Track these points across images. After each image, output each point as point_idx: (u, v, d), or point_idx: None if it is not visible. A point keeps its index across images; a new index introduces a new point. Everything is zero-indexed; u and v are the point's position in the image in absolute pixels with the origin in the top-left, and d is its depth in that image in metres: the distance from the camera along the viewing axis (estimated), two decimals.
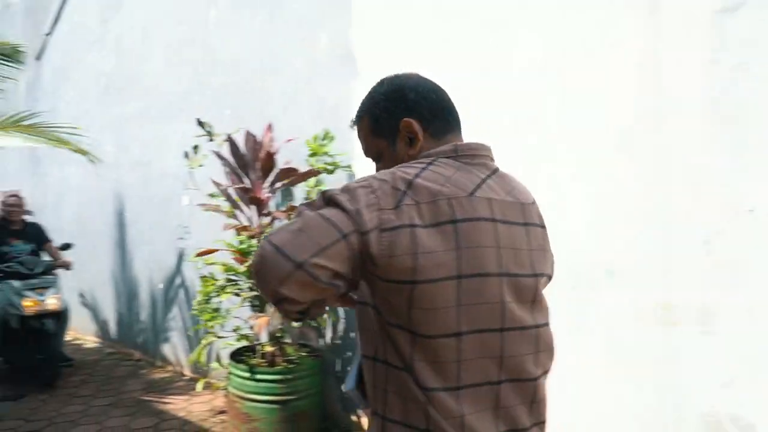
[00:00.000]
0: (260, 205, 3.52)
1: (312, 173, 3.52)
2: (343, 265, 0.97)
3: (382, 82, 1.26)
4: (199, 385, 4.25)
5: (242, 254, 3.63)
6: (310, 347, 3.43)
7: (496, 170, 1.16)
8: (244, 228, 3.54)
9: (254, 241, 3.51)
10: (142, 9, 5.86)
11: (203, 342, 3.77)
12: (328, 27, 3.90)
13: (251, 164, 3.66)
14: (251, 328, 3.79)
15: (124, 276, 6.38)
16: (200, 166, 4.18)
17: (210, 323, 3.51)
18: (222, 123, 4.42)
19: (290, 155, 3.85)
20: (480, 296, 1.03)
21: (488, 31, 3.05)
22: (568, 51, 2.72)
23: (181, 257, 5.38)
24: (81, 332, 7.44)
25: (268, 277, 0.96)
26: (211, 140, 4.09)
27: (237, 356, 3.80)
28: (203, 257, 3.60)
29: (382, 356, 1.07)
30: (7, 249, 5.40)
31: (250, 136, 3.74)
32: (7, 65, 5.13)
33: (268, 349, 3.43)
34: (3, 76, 5.20)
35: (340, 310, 3.77)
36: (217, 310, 3.59)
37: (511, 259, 1.08)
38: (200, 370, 4.87)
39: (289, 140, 3.86)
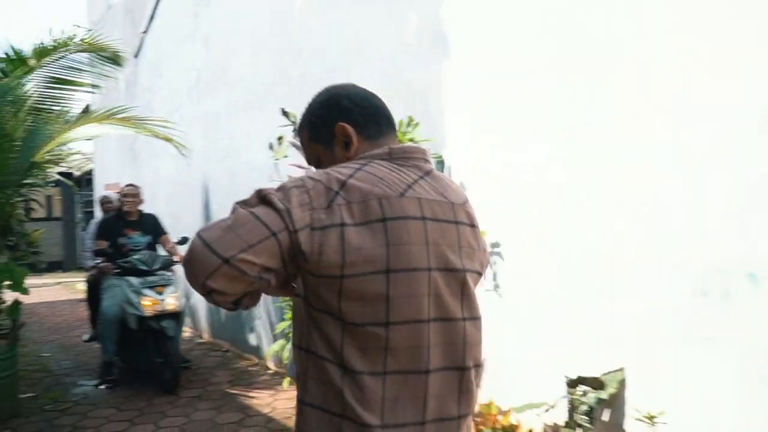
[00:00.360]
0: None
1: None
2: (271, 260, 1.02)
3: (318, 93, 1.34)
4: (285, 383, 4.15)
5: None
6: None
7: (429, 171, 1.22)
8: None
9: None
10: (231, 1, 5.86)
11: (287, 338, 3.64)
12: (418, 6, 3.66)
13: None
14: None
15: None
16: (285, 157, 4.06)
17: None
18: None
19: None
20: (409, 289, 1.08)
21: (604, 7, 2.70)
22: (701, 30, 2.34)
23: None
24: None
25: (197, 270, 1.02)
26: (295, 130, 3.96)
27: None
28: None
29: (305, 345, 1.14)
30: (124, 241, 5.11)
31: None
32: (109, 67, 5.27)
33: None
34: (104, 75, 5.35)
35: None
36: None
37: (440, 255, 1.13)
38: (285, 365, 4.80)
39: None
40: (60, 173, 17.43)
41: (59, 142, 4.63)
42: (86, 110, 5.52)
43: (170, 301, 4.79)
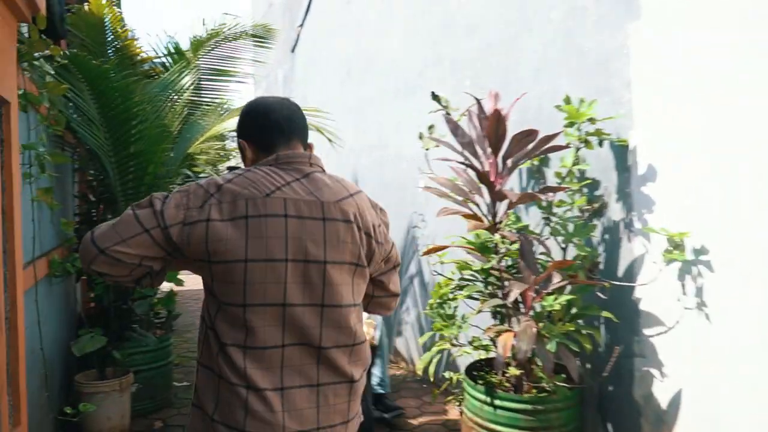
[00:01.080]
0: (491, 186, 2.78)
1: (554, 148, 2.67)
2: (147, 250, 1.31)
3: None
4: (433, 396, 3.74)
5: (479, 250, 2.99)
6: (568, 373, 2.65)
7: (308, 174, 1.44)
8: (473, 217, 2.85)
9: (496, 236, 2.81)
10: None
11: (435, 348, 3.21)
12: None
13: (479, 139, 2.96)
14: (491, 339, 3.13)
15: None
16: (435, 146, 3.63)
17: (444, 332, 2.93)
18: (462, 96, 3.82)
19: (539, 125, 3.06)
20: (265, 277, 1.31)
21: None
22: None
23: (416, 247, 4.96)
24: None
25: (83, 257, 1.34)
26: (447, 115, 3.51)
27: (474, 370, 3.18)
28: (436, 253, 3.02)
29: (203, 314, 1.41)
30: None
31: (472, 112, 3.05)
32: (262, 46, 5.20)
33: (514, 372, 2.73)
34: (256, 60, 5.31)
35: (615, 336, 2.91)
36: (451, 317, 3.00)
37: (300, 248, 1.34)
38: (435, 376, 4.38)
39: (518, 98, 3.06)
40: (229, 167, 18.75)
41: (213, 133, 4.62)
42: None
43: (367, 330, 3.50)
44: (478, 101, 2.91)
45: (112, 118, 3.85)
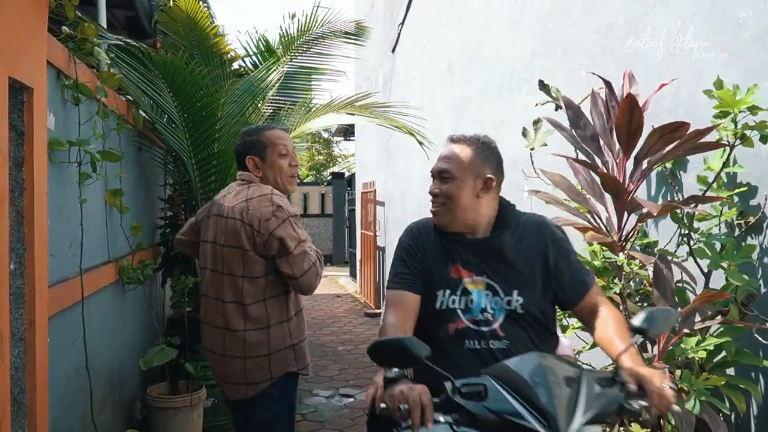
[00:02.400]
0: (619, 193, 2.18)
1: (707, 145, 2.04)
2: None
3: None
4: None
5: (596, 272, 2.40)
6: None
7: (243, 187, 2.25)
8: (594, 230, 2.26)
9: (621, 256, 2.20)
10: None
11: None
12: None
13: (604, 132, 2.37)
14: None
15: None
16: (543, 145, 3.07)
17: None
18: (575, 87, 3.24)
19: (675, 119, 2.41)
20: (204, 252, 2.30)
21: None
22: None
23: None
24: None
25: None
26: (558, 109, 2.95)
27: None
28: None
29: None
30: None
31: (597, 96, 2.47)
32: (356, 43, 4.87)
33: (638, 431, 2.13)
34: (348, 57, 4.99)
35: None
36: None
37: (215, 235, 2.23)
38: None
39: (665, 84, 2.44)
40: (332, 173, 18.82)
41: (298, 133, 4.33)
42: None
43: None
44: (608, 84, 2.34)
45: (192, 115, 3.65)
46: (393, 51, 8.24)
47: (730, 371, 2.19)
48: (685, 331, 2.01)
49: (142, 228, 3.35)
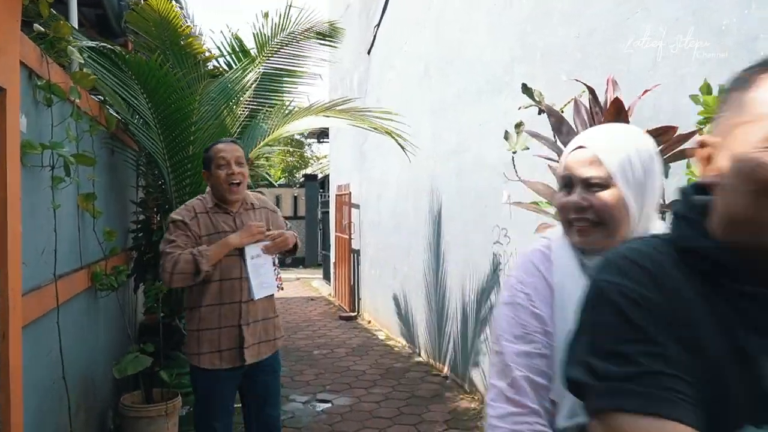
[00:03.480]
0: None
1: (690, 151, 2.04)
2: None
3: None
4: None
5: None
6: None
7: None
8: None
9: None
10: None
11: None
12: None
13: None
14: None
15: (435, 280, 5.71)
16: (525, 149, 3.07)
17: None
18: (556, 91, 3.25)
19: (663, 123, 2.44)
20: None
21: None
22: None
23: (497, 265, 4.39)
24: (393, 334, 7.12)
25: None
26: (541, 112, 2.95)
27: None
28: None
29: None
30: None
31: (580, 103, 2.47)
32: (330, 45, 4.81)
33: None
34: (324, 60, 4.93)
35: None
36: None
37: None
38: None
39: (648, 90, 2.46)
40: (305, 175, 18.69)
41: (275, 136, 4.26)
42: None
43: None
44: (591, 90, 2.34)
45: (166, 117, 3.56)
46: (369, 53, 8.20)
47: None
48: None
49: (116, 233, 3.25)
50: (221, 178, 2.52)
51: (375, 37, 7.87)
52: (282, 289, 2.72)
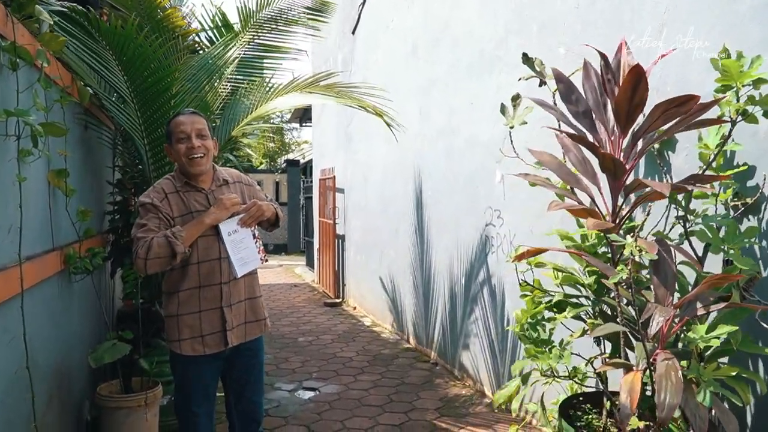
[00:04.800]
0: (618, 172, 2.03)
1: (708, 121, 1.91)
2: None
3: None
4: (512, 430, 3.06)
5: (590, 254, 2.28)
6: None
7: None
8: (588, 212, 2.11)
9: (628, 240, 2.03)
10: None
11: (519, 378, 2.51)
12: None
13: (598, 108, 2.24)
14: (597, 373, 2.42)
15: (423, 264, 5.58)
16: (523, 123, 2.93)
17: (539, 362, 2.23)
18: (553, 65, 3.10)
19: (663, 97, 2.29)
20: None
21: None
22: None
23: (487, 248, 4.26)
24: (380, 319, 6.99)
25: None
26: (542, 84, 2.81)
27: (570, 407, 2.49)
28: (528, 258, 2.32)
29: None
30: None
31: (590, 68, 2.34)
32: (317, 20, 4.61)
33: (636, 423, 2.02)
34: (310, 35, 4.73)
35: None
36: (547, 342, 2.30)
37: None
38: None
39: (665, 54, 2.33)
40: (287, 161, 18.42)
41: (259, 114, 4.07)
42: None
43: None
44: (603, 55, 2.20)
45: (144, 91, 3.35)
46: (353, 32, 7.99)
47: (723, 360, 2.10)
48: (687, 317, 1.90)
49: (90, 212, 3.05)
50: (181, 152, 2.40)
51: (360, 16, 7.67)
52: (266, 260, 2.57)
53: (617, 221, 2.12)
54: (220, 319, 2.41)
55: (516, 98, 2.93)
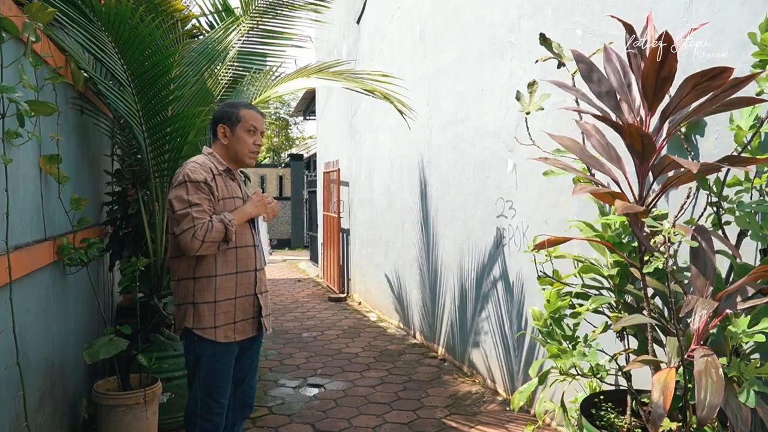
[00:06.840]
0: (646, 153, 1.87)
1: (748, 100, 1.75)
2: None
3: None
4: (528, 430, 2.92)
5: (613, 243, 2.13)
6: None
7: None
8: (615, 195, 1.94)
9: (665, 224, 1.85)
10: None
11: (537, 378, 2.36)
12: None
13: (621, 87, 2.09)
14: (622, 372, 2.28)
15: (429, 258, 5.43)
16: (540, 109, 2.77)
17: (562, 361, 2.08)
18: (570, 48, 2.95)
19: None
20: None
21: None
22: None
23: (499, 240, 4.11)
24: (386, 314, 6.85)
25: None
26: (560, 66, 2.66)
27: (591, 406, 2.34)
28: (546, 249, 2.16)
29: None
30: None
31: (611, 51, 2.19)
32: (319, 4, 4.45)
33: (668, 425, 1.87)
34: (314, 20, 4.58)
35: None
36: (571, 338, 2.15)
37: None
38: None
39: (696, 28, 2.18)
40: (291, 155, 18.26)
41: (265, 97, 3.93)
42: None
43: None
44: (629, 27, 2.04)
45: (142, 74, 3.20)
46: (358, 22, 7.84)
47: (755, 357, 1.95)
48: (729, 311, 1.75)
49: (85, 200, 2.91)
50: (248, 143, 2.49)
51: (365, 5, 7.51)
52: (271, 253, 2.66)
53: (645, 207, 1.97)
54: (253, 306, 2.46)
55: (532, 84, 2.77)
